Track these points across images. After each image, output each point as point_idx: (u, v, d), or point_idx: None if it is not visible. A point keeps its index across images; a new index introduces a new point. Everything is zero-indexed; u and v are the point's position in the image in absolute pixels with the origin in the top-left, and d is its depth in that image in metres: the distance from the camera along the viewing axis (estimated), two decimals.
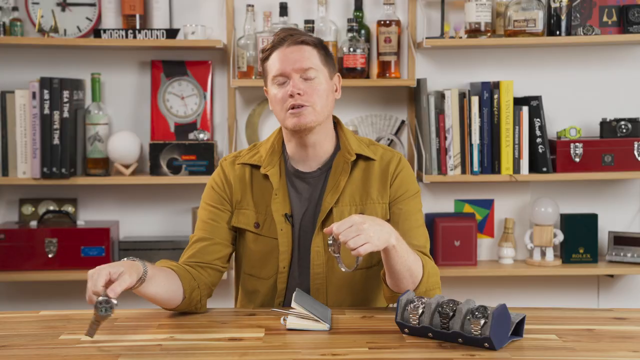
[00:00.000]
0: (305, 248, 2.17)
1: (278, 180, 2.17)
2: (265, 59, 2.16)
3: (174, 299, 2.05)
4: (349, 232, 1.87)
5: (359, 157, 2.19)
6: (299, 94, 2.09)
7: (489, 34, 3.28)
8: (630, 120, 3.32)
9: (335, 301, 2.17)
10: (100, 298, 1.77)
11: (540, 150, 3.29)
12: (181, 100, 3.43)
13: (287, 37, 2.13)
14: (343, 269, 1.95)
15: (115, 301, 1.78)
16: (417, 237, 2.15)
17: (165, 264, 2.13)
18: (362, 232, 1.87)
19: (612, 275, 3.49)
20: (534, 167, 3.32)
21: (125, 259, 1.93)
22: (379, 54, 3.35)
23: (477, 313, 1.77)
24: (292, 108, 2.09)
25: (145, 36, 3.25)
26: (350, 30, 3.28)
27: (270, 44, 2.15)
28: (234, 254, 2.26)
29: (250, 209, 2.19)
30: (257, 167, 2.20)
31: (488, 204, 3.50)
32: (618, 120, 3.32)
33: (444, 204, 3.49)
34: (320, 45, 2.16)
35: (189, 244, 2.20)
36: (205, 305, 2.14)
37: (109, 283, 1.81)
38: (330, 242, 1.91)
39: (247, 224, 2.18)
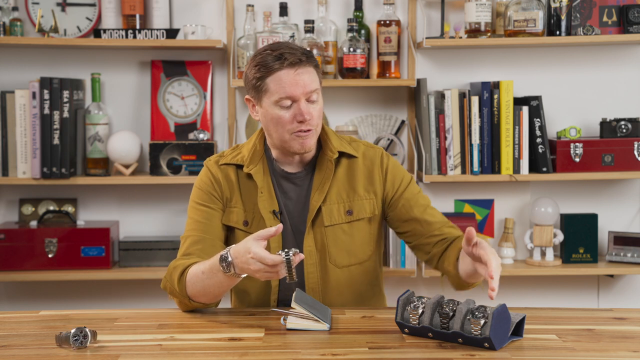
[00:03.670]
0: (296, 247, 2.18)
1: (262, 179, 2.19)
2: (262, 78, 2.10)
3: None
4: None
5: (342, 154, 2.21)
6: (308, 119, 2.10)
7: (489, 34, 3.28)
8: (630, 120, 3.32)
9: (331, 299, 2.18)
10: (74, 330, 1.80)
11: (540, 150, 3.29)
12: (181, 100, 3.43)
13: (289, 56, 2.07)
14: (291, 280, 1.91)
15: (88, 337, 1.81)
16: (435, 213, 2.24)
17: (200, 260, 2.11)
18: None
19: (612, 275, 3.49)
20: (534, 167, 3.32)
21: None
22: (379, 54, 3.35)
23: (477, 313, 1.78)
24: (300, 131, 2.10)
25: (145, 36, 3.25)
26: (350, 30, 3.28)
27: (266, 62, 2.08)
28: None
29: (239, 207, 2.20)
30: (241, 166, 2.22)
31: (488, 204, 3.50)
32: (618, 120, 3.32)
33: (444, 204, 3.49)
34: (316, 61, 2.14)
35: (185, 245, 2.17)
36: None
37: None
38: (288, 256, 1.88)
39: (237, 222, 2.20)
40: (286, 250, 1.86)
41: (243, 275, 1.95)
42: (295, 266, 2.10)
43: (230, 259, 1.93)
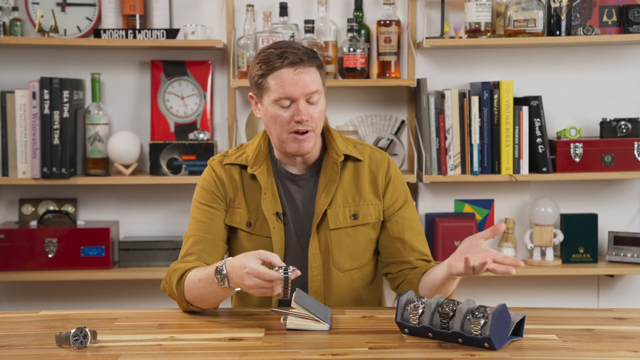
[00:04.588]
0: (300, 249, 2.18)
1: (266, 180, 2.18)
2: (264, 75, 2.09)
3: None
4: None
5: (347, 157, 2.20)
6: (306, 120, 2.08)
7: (489, 34, 3.28)
8: (630, 120, 3.32)
9: (333, 303, 2.18)
10: (74, 330, 1.79)
11: (540, 150, 3.29)
12: (181, 100, 3.43)
13: (290, 55, 2.06)
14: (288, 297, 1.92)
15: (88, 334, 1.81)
16: (424, 243, 2.22)
17: (200, 264, 2.12)
18: None
19: (612, 275, 3.49)
20: (534, 167, 3.32)
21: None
22: (379, 54, 3.35)
23: (477, 313, 1.78)
24: (296, 132, 2.09)
25: (145, 36, 3.25)
26: (350, 30, 3.28)
27: (268, 60, 2.08)
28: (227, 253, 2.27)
29: (242, 207, 2.19)
30: (245, 167, 2.20)
31: (488, 204, 3.50)
32: (618, 120, 3.32)
33: (444, 204, 3.49)
34: (319, 62, 2.12)
35: (187, 244, 2.18)
36: None
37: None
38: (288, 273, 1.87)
39: (240, 223, 2.19)
40: (284, 267, 1.84)
41: (237, 289, 1.94)
42: (300, 269, 2.10)
43: (225, 271, 1.92)
